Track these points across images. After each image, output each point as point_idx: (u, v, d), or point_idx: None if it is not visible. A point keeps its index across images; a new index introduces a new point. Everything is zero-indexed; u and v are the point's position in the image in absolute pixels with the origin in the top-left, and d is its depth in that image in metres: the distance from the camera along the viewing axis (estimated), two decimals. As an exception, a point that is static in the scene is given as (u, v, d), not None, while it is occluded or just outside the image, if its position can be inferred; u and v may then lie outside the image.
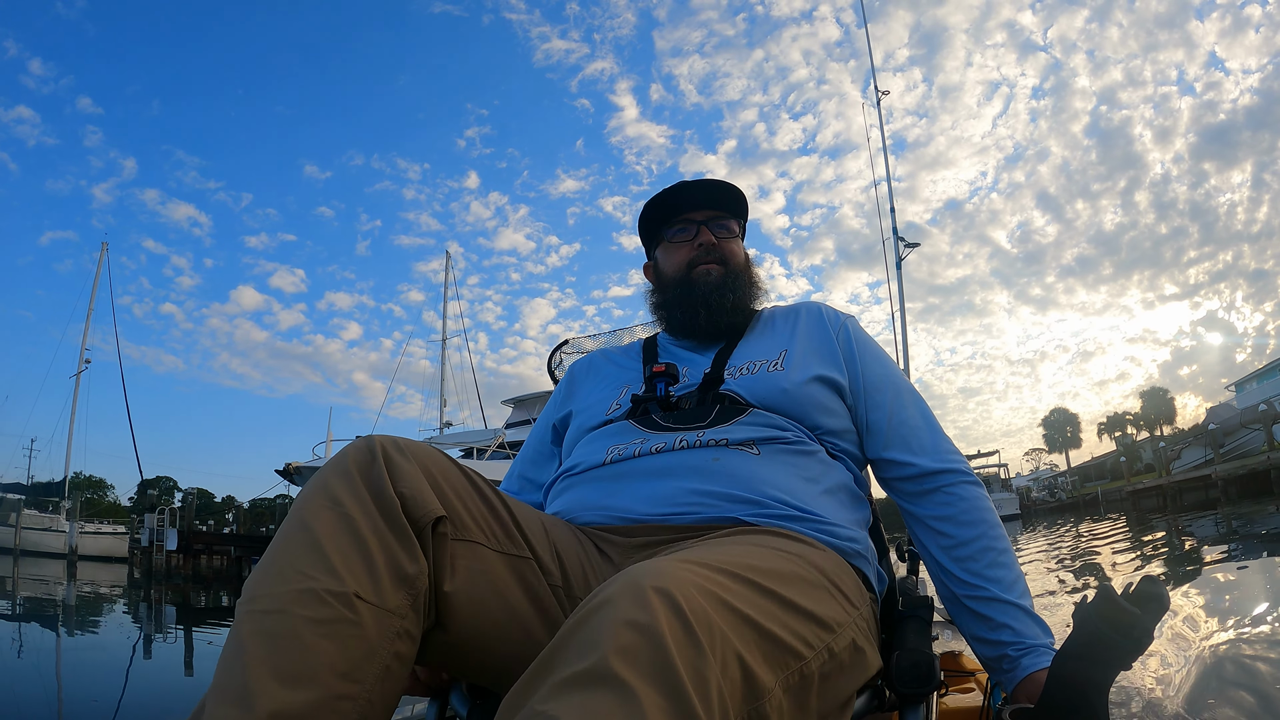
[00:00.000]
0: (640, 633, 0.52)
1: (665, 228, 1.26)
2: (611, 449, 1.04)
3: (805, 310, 1.22)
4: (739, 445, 0.99)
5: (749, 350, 1.15)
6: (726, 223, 1.24)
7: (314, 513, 0.69)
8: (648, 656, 0.51)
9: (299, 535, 0.67)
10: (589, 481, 1.03)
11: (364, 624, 0.64)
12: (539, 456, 1.25)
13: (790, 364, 1.10)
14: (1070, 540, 13.92)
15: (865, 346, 1.16)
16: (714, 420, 1.02)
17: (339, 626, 0.62)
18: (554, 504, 1.08)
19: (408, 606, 0.68)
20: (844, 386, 1.10)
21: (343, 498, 0.70)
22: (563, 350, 1.89)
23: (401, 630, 0.67)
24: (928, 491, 1.06)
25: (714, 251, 1.21)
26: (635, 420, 1.07)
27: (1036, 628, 0.94)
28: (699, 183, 1.23)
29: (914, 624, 0.96)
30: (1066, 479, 48.23)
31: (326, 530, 0.67)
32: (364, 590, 0.65)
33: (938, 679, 0.86)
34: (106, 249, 32.15)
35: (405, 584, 0.68)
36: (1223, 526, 11.59)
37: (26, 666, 5.30)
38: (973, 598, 0.99)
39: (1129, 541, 11.44)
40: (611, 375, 1.23)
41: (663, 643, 0.52)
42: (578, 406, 1.20)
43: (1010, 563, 0.99)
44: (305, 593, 0.62)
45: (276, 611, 0.62)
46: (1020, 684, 0.91)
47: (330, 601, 0.63)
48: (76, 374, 30.01)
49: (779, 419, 1.03)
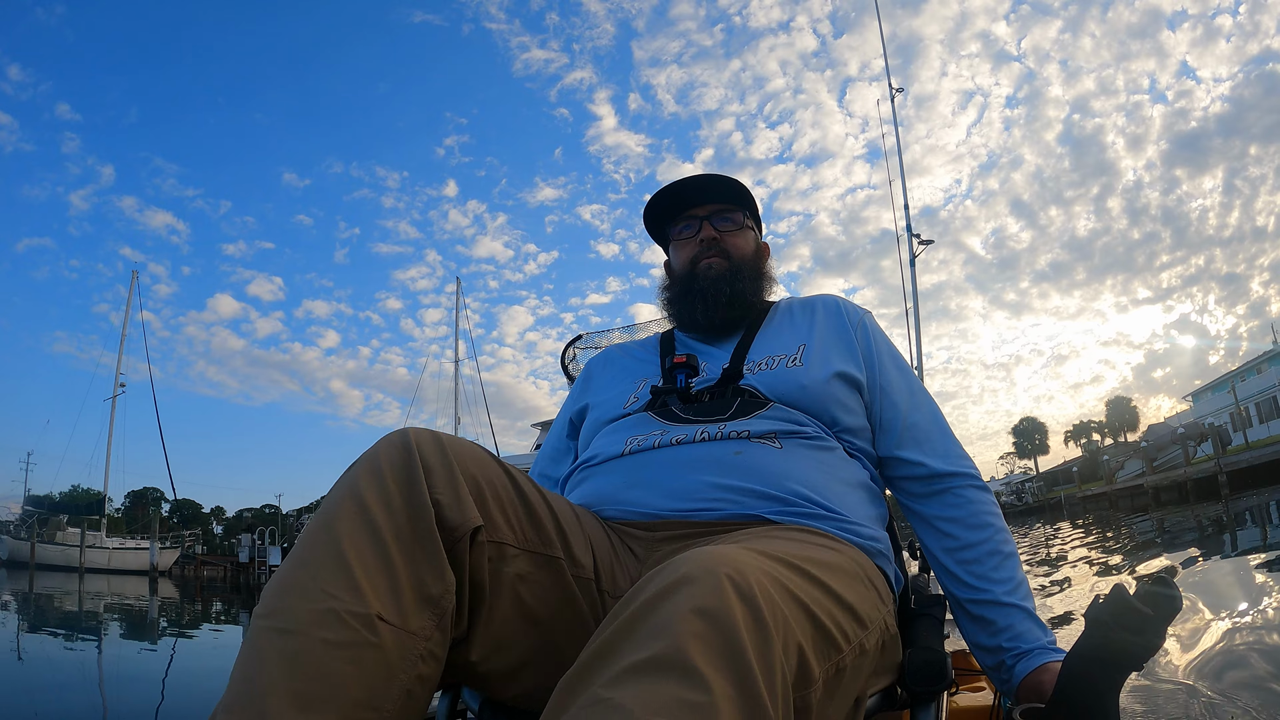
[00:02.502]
0: (713, 620, 0.51)
1: (671, 226, 1.27)
2: (631, 440, 1.02)
3: (823, 304, 1.21)
4: (760, 438, 0.98)
5: (767, 344, 1.14)
6: (730, 215, 1.23)
7: (341, 519, 0.66)
8: (720, 645, 0.50)
9: (324, 544, 0.64)
10: (608, 472, 1.02)
11: (385, 647, 0.61)
12: (557, 453, 1.24)
13: (809, 360, 1.09)
14: (1031, 538, 17.09)
15: (882, 344, 1.15)
16: (734, 413, 1.01)
17: (360, 650, 0.60)
18: (572, 495, 1.07)
19: (432, 627, 0.65)
20: (862, 383, 1.10)
21: (371, 504, 0.67)
22: (576, 345, 1.88)
23: (425, 652, 0.64)
24: (936, 493, 1.05)
25: (716, 245, 1.21)
26: (654, 412, 1.06)
27: (1038, 630, 0.94)
28: (699, 177, 1.22)
29: (927, 622, 0.96)
30: (1034, 484, 51.50)
31: (352, 541, 0.64)
32: (387, 611, 0.62)
33: (949, 677, 0.86)
34: (136, 277, 33.44)
35: (430, 604, 0.65)
36: (1153, 526, 15.01)
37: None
38: (975, 601, 0.98)
39: (1079, 540, 14.32)
40: (629, 368, 1.22)
41: (735, 632, 0.51)
42: (595, 400, 1.19)
43: (1014, 566, 0.99)
44: (326, 613, 0.60)
45: (296, 631, 0.59)
46: (1024, 683, 0.91)
47: (351, 624, 0.60)
48: (112, 398, 31.19)
49: (798, 414, 1.02)
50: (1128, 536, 13.19)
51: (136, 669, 6.59)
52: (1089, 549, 11.40)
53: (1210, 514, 14.62)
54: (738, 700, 0.49)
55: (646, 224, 1.29)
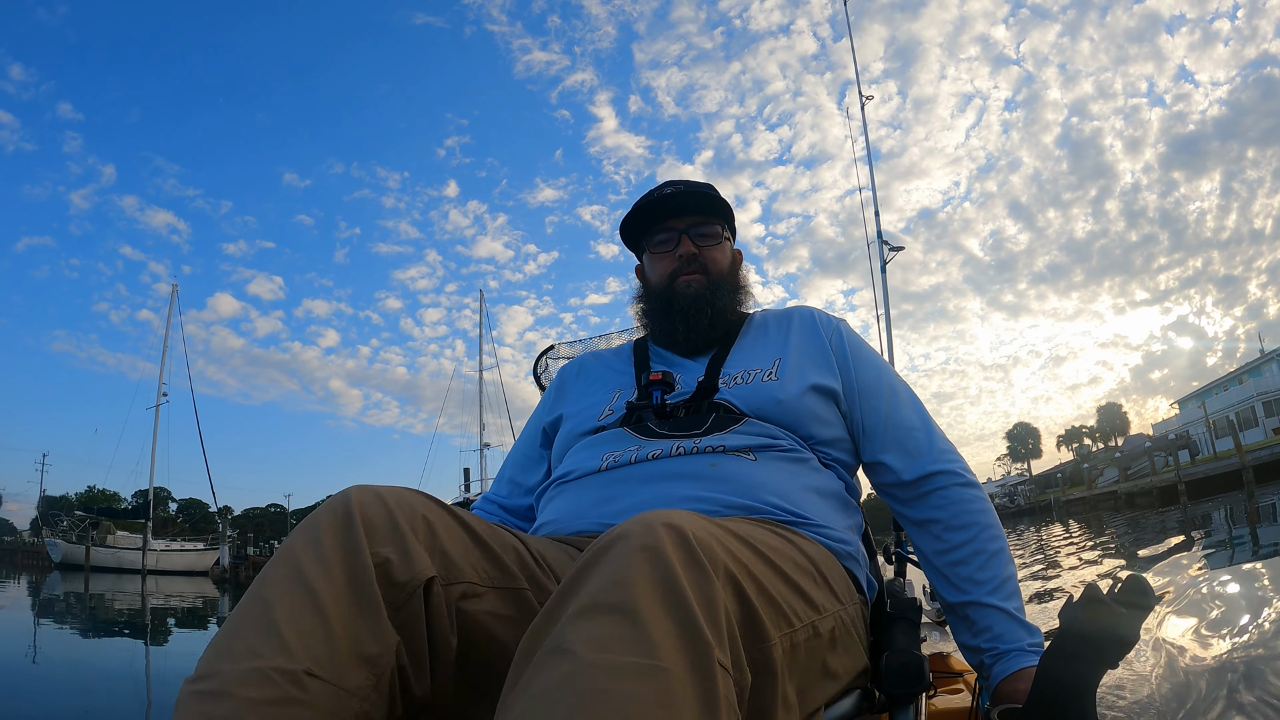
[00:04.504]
0: (649, 560, 0.55)
1: (647, 236, 1.24)
2: (607, 456, 1.02)
3: (798, 316, 1.21)
4: (736, 452, 0.98)
5: (742, 358, 1.14)
6: (709, 228, 1.21)
7: (274, 585, 0.63)
8: (656, 582, 0.54)
9: (254, 610, 0.62)
10: (583, 488, 1.01)
11: (315, 704, 0.57)
12: (528, 460, 1.23)
13: (785, 373, 1.09)
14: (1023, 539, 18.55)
15: (858, 351, 1.15)
16: (709, 428, 1.01)
17: (286, 709, 0.56)
18: (546, 510, 1.06)
19: (370, 688, 0.61)
20: (838, 393, 1.10)
21: (307, 568, 0.64)
22: (548, 356, 1.87)
23: (360, 713, 0.60)
24: (921, 495, 1.05)
25: (695, 261, 1.19)
26: (630, 427, 1.06)
27: (1020, 629, 0.94)
28: (679, 189, 1.20)
29: (902, 626, 0.97)
30: (1026, 487, 53.99)
31: (284, 604, 0.61)
32: (319, 667, 0.59)
33: (927, 680, 0.87)
34: (176, 290, 34.58)
35: (367, 664, 0.62)
36: (1125, 526, 16.67)
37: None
38: (960, 603, 0.99)
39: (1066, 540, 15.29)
40: (603, 379, 1.21)
41: (671, 570, 0.55)
42: (569, 410, 1.18)
43: (1000, 564, 0.98)
44: (252, 672, 0.57)
45: (220, 693, 0.56)
46: (1000, 685, 0.91)
47: (277, 680, 0.57)
48: (155, 406, 32.55)
49: (773, 428, 1.02)
50: (1110, 536, 14.00)
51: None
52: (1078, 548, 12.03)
53: (1173, 519, 15.76)
54: (678, 635, 0.52)
55: (624, 231, 1.27)
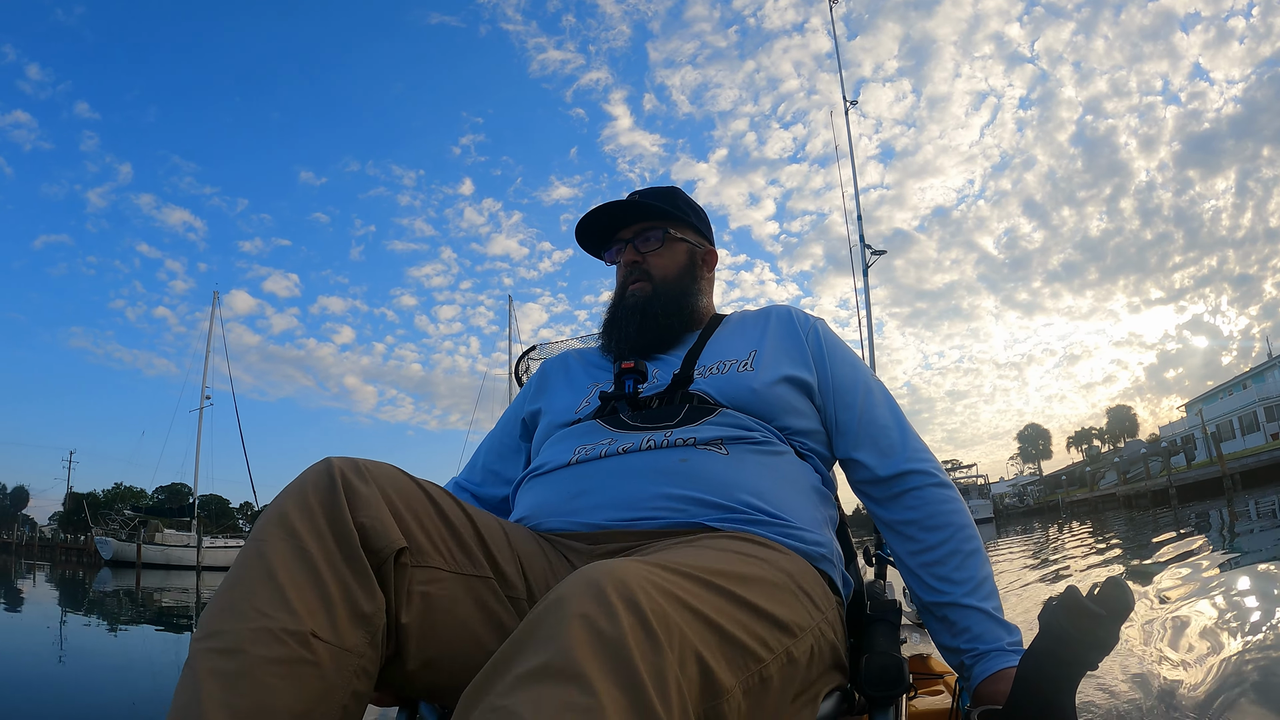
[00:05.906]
0: (598, 628, 0.52)
1: (604, 250, 1.27)
2: (578, 449, 1.02)
3: (775, 314, 1.22)
4: (706, 445, 0.98)
5: (719, 350, 1.14)
6: (651, 233, 1.22)
7: (271, 545, 0.67)
8: (605, 652, 0.51)
9: (257, 569, 0.66)
10: (554, 483, 1.02)
11: (321, 663, 0.63)
12: (504, 449, 1.24)
13: (760, 364, 1.09)
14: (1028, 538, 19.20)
15: (835, 348, 1.16)
16: (682, 420, 1.01)
17: (296, 667, 0.61)
18: (520, 504, 1.07)
19: (365, 644, 0.67)
20: (813, 387, 1.10)
21: (300, 530, 0.68)
22: (530, 356, 1.85)
23: (360, 669, 0.66)
24: (895, 495, 1.05)
25: (637, 269, 1.21)
26: (603, 419, 1.06)
27: (999, 629, 0.94)
28: (617, 201, 1.22)
29: (882, 627, 0.96)
30: (1036, 487, 55.34)
31: (283, 565, 0.66)
32: (321, 629, 0.64)
33: (906, 682, 0.86)
34: (218, 297, 35.05)
35: (362, 622, 0.67)
36: (1122, 526, 17.45)
37: None
38: (938, 604, 0.98)
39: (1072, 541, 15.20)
40: (583, 374, 1.22)
41: (621, 639, 0.52)
42: (548, 404, 1.19)
43: (976, 565, 0.98)
44: (262, 631, 0.61)
45: (233, 650, 0.60)
46: (980, 686, 0.91)
47: (287, 641, 0.61)
48: (199, 409, 32.95)
49: (747, 419, 1.02)
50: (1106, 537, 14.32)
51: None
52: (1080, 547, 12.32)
53: (1164, 519, 16.27)
54: (627, 706, 0.49)
55: (587, 249, 1.28)
